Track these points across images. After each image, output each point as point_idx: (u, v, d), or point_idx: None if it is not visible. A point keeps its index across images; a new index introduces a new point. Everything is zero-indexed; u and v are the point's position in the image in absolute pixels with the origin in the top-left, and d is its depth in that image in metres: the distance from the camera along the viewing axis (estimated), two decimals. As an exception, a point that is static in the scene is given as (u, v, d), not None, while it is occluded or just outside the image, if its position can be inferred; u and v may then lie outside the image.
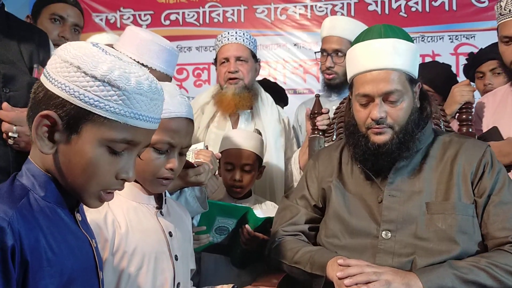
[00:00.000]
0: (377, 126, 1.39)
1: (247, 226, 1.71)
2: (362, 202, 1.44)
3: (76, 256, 0.80)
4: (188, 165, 1.36)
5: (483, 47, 2.34)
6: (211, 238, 1.73)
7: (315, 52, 2.27)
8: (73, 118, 0.77)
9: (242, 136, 1.94)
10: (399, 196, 1.39)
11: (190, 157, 1.50)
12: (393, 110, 1.38)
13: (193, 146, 1.53)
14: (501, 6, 1.80)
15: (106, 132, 0.78)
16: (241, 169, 1.87)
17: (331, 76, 2.17)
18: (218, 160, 1.62)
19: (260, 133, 2.16)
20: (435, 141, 1.46)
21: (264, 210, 1.84)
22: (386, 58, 1.39)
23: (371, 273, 1.24)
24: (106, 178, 0.81)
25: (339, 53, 2.13)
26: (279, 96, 2.72)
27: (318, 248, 1.45)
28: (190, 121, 1.21)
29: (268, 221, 1.73)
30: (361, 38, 1.48)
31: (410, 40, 1.45)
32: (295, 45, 3.84)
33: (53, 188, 0.80)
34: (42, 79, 0.80)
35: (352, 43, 1.53)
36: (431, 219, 1.34)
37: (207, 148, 1.64)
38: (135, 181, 1.20)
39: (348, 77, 1.51)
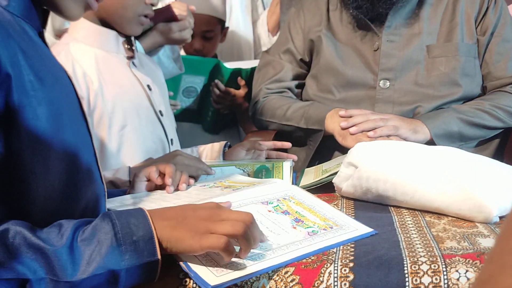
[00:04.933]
0: None
1: (217, 81, 1.57)
2: (355, 51, 1.32)
3: (59, 85, 0.62)
4: (171, 18, 1.16)
5: None
6: (179, 104, 1.57)
7: None
8: None
9: None
10: (398, 41, 1.28)
11: None
12: None
13: None
14: None
15: None
16: (201, 36, 1.66)
17: None
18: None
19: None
20: None
21: None
22: None
23: (378, 120, 1.16)
24: None
25: None
26: None
27: (310, 103, 1.35)
28: None
29: (237, 72, 1.59)
30: None
31: None
32: None
33: None
34: None
35: None
36: (433, 63, 1.26)
37: (176, 0, 1.41)
38: (103, 24, 1.00)
39: None
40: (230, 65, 1.61)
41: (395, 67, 1.27)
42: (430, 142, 1.18)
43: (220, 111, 1.65)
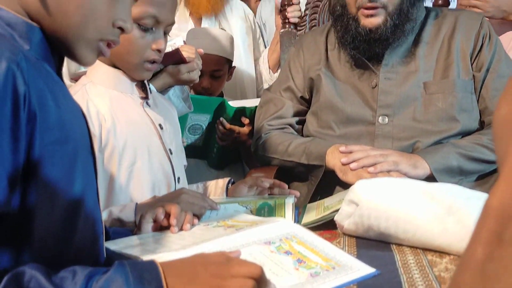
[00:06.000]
0: (369, 5, 1.27)
1: (222, 119, 1.61)
2: (354, 89, 1.36)
3: (77, 125, 0.65)
4: (180, 61, 1.22)
5: None
6: (186, 141, 1.60)
7: None
8: None
9: (208, 37, 1.75)
10: (395, 78, 1.32)
11: None
12: None
13: (170, 42, 1.36)
14: None
15: None
16: (210, 75, 1.72)
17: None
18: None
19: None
20: (428, 18, 1.37)
21: None
22: None
23: (378, 155, 1.18)
24: (104, 22, 0.66)
25: None
26: None
27: (311, 139, 1.37)
28: None
29: (242, 111, 1.64)
30: None
31: None
32: None
33: (39, 39, 0.63)
34: None
35: None
36: (430, 99, 1.29)
37: (185, 43, 1.46)
38: (115, 67, 1.04)
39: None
40: (234, 103, 1.65)
41: (393, 103, 1.30)
42: (430, 177, 1.19)
43: (225, 148, 1.67)
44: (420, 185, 0.87)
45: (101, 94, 1.02)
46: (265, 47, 2.12)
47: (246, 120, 1.66)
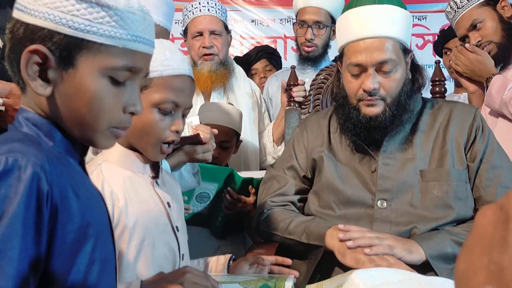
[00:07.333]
0: (369, 97, 1.36)
1: (229, 188, 1.68)
2: (354, 172, 1.43)
3: (97, 209, 0.72)
4: (197, 142, 1.31)
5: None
6: (192, 208, 1.66)
7: (293, 23, 2.22)
8: (65, 50, 0.69)
9: (220, 110, 1.86)
10: (393, 164, 1.39)
11: (187, 131, 1.43)
12: (386, 81, 1.36)
13: (187, 120, 1.46)
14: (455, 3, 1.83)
15: (105, 60, 0.71)
16: (219, 146, 1.81)
17: (311, 48, 2.13)
18: None
19: (233, 108, 2.10)
20: (424, 108, 1.46)
21: None
22: (381, 26, 1.37)
23: (374, 238, 1.23)
24: (115, 113, 0.73)
25: (320, 25, 2.10)
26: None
27: (312, 218, 1.42)
28: (192, 79, 1.14)
29: (249, 181, 1.71)
30: (353, 4, 1.44)
31: (404, 7, 1.43)
32: (252, 21, 3.79)
33: (61, 137, 0.71)
34: (16, 14, 0.70)
35: (343, 10, 1.49)
36: (427, 186, 1.35)
37: (200, 123, 1.56)
38: (131, 148, 1.11)
39: (339, 46, 1.47)
40: (242, 174, 1.73)
41: (392, 188, 1.36)
42: (426, 263, 1.23)
43: (230, 217, 1.72)
44: (415, 279, 0.91)
45: (115, 174, 1.07)
46: (270, 121, 2.22)
47: (252, 190, 1.73)
